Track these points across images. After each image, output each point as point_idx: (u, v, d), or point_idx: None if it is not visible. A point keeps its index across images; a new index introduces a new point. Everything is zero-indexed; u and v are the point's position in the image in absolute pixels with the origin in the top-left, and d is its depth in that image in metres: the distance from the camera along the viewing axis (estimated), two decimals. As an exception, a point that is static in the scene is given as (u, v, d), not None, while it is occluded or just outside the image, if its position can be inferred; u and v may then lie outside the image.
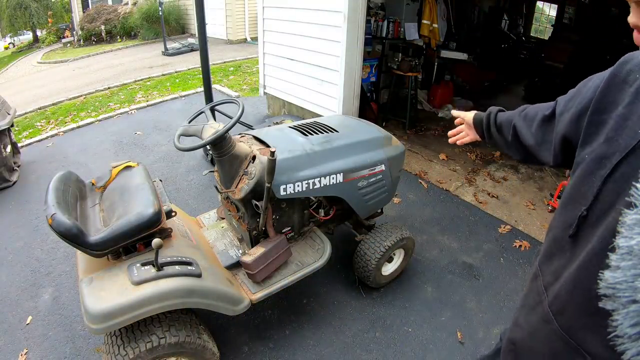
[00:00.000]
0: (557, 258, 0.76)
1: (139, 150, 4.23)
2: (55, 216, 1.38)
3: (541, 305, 0.78)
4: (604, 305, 0.55)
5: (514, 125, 1.05)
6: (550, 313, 0.74)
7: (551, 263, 0.79)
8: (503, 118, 1.14)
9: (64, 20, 14.99)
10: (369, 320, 2.18)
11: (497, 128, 1.15)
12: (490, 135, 1.19)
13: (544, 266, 0.82)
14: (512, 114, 1.10)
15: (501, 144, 1.16)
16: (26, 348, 2.02)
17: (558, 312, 0.72)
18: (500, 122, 1.15)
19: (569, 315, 0.70)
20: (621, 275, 0.52)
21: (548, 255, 0.81)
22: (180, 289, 1.47)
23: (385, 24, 4.68)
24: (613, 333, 0.53)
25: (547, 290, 0.77)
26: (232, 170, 1.82)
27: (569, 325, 0.70)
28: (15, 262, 2.63)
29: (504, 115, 1.15)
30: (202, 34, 3.45)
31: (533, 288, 0.84)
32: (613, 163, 0.62)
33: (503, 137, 1.13)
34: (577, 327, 0.69)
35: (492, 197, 3.40)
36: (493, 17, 6.79)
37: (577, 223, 0.68)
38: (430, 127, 4.85)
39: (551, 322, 0.73)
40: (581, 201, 0.68)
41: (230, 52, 9.04)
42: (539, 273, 0.83)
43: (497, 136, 1.16)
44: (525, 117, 1.02)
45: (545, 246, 0.83)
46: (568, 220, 0.72)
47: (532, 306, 0.82)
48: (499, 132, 1.15)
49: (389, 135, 2.29)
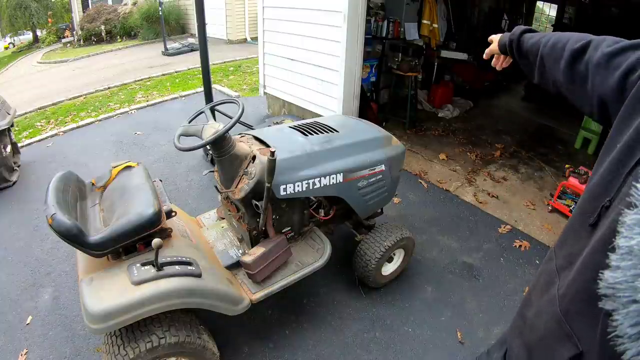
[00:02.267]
0: (572, 243, 0.75)
1: (139, 150, 4.23)
2: (55, 216, 1.38)
3: (552, 287, 0.77)
4: (604, 305, 0.55)
5: (541, 56, 0.94)
6: (556, 296, 0.74)
7: (566, 247, 0.78)
8: (529, 44, 1.01)
9: (64, 20, 14.99)
10: (369, 320, 2.18)
11: (523, 55, 1.03)
12: (517, 62, 1.08)
13: (559, 249, 0.82)
14: (539, 40, 0.97)
15: (525, 69, 1.05)
16: (26, 348, 2.02)
17: (562, 295, 0.73)
18: (526, 49, 1.02)
19: (569, 299, 0.70)
20: (621, 275, 0.52)
21: (562, 241, 0.81)
22: (180, 289, 1.47)
23: (385, 24, 4.68)
24: (613, 333, 0.53)
25: (559, 274, 0.77)
26: (232, 170, 1.82)
27: (567, 309, 0.70)
28: (15, 262, 2.63)
29: (531, 40, 1.01)
30: (202, 34, 3.45)
31: (546, 270, 0.84)
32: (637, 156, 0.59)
33: (528, 65, 1.02)
34: (572, 311, 0.69)
35: (492, 197, 3.40)
36: (493, 17, 6.80)
37: (599, 212, 0.66)
38: (430, 127, 4.85)
39: (555, 305, 0.73)
40: (606, 192, 0.66)
41: (230, 52, 9.04)
42: (553, 256, 0.83)
43: (519, 61, 1.06)
44: (553, 46, 0.90)
45: (564, 230, 0.83)
46: (590, 208, 0.70)
47: (543, 287, 0.82)
48: (522, 57, 1.04)
49: (389, 135, 2.29)
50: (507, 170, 3.88)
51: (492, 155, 4.19)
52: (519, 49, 1.04)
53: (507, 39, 1.09)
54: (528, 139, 4.74)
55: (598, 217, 0.66)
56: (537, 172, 3.88)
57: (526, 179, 3.76)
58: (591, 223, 0.68)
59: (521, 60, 1.05)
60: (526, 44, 1.01)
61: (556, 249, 0.84)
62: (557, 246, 0.84)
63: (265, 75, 4.82)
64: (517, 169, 3.93)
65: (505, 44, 1.10)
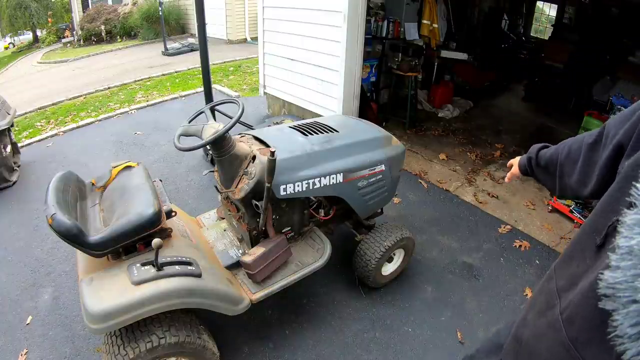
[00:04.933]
0: (576, 264, 0.73)
1: (139, 150, 4.23)
2: (55, 216, 1.38)
3: (552, 310, 0.75)
4: (604, 305, 0.55)
5: (560, 165, 1.00)
6: (560, 320, 0.71)
7: (568, 267, 0.75)
8: (546, 157, 1.08)
9: (64, 20, 15.00)
10: (369, 320, 2.18)
11: (541, 168, 1.10)
12: (539, 179, 1.15)
13: (560, 269, 0.79)
14: (554, 152, 1.05)
15: (547, 185, 1.11)
16: (26, 348, 2.02)
17: (568, 320, 0.69)
18: (545, 163, 1.08)
19: (578, 326, 0.67)
20: (621, 275, 0.51)
21: (567, 258, 0.78)
22: (180, 289, 1.47)
23: (385, 24, 4.68)
24: (613, 333, 0.53)
25: (560, 296, 0.74)
26: (232, 170, 1.82)
27: (576, 336, 0.67)
28: (15, 262, 2.63)
29: (547, 153, 1.09)
30: (202, 34, 3.45)
31: (545, 289, 0.82)
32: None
33: (550, 177, 1.08)
34: (583, 340, 0.65)
35: (492, 197, 3.40)
36: (493, 17, 6.79)
37: (606, 232, 0.64)
38: (430, 127, 4.85)
39: (559, 331, 0.70)
40: (614, 210, 0.63)
41: (230, 52, 9.04)
42: (553, 275, 0.81)
43: (543, 179, 1.12)
44: (568, 154, 0.97)
45: (567, 248, 0.81)
46: (598, 227, 0.68)
47: (542, 309, 0.80)
48: (542, 173, 1.11)
49: (389, 135, 2.29)
50: (507, 170, 3.85)
51: (492, 155, 4.19)
52: (537, 165, 1.12)
53: (525, 159, 1.18)
54: (528, 139, 4.74)
55: (605, 237, 0.64)
56: (537, 172, 3.88)
57: (526, 179, 3.75)
58: (598, 244, 0.65)
59: (542, 176, 1.13)
60: (544, 158, 1.10)
61: (557, 267, 0.81)
62: (558, 265, 0.82)
63: (265, 75, 4.82)
64: (517, 169, 3.93)
65: (525, 165, 1.19)
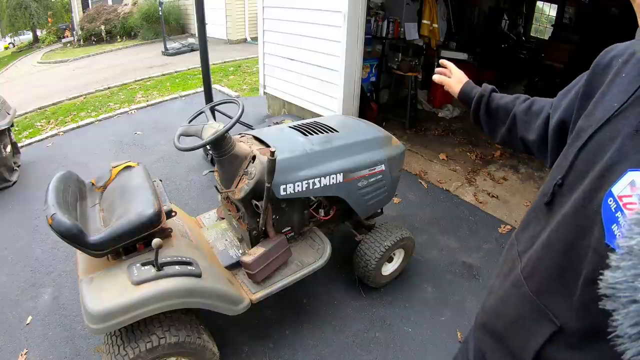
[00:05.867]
0: (533, 226, 0.78)
1: (139, 150, 4.23)
2: (55, 216, 1.38)
3: (514, 271, 0.79)
4: (604, 305, 0.55)
5: (513, 115, 1.03)
6: (521, 277, 0.75)
7: (526, 231, 0.81)
8: (500, 103, 1.08)
9: (64, 20, 15.00)
10: (369, 320, 2.18)
11: (489, 112, 1.10)
12: (477, 116, 1.13)
13: (520, 234, 0.84)
14: (510, 101, 1.06)
15: (487, 126, 1.12)
16: (26, 348, 2.02)
17: (528, 275, 0.74)
18: (495, 107, 1.09)
19: (538, 278, 0.71)
20: (621, 275, 0.52)
21: (525, 224, 0.83)
22: (180, 289, 1.47)
23: (385, 24, 4.68)
24: (613, 333, 0.53)
25: (521, 257, 0.79)
26: (232, 170, 1.82)
27: (538, 288, 0.71)
28: (15, 262, 2.63)
29: (500, 100, 1.09)
30: (202, 34, 3.45)
31: (508, 256, 0.86)
32: (588, 134, 0.66)
33: (493, 121, 1.10)
34: (545, 290, 0.70)
35: (492, 197, 3.40)
36: (493, 17, 6.79)
37: (552, 191, 0.72)
38: (430, 127, 4.85)
39: (522, 286, 0.74)
40: (558, 171, 0.72)
41: (230, 52, 9.04)
42: (514, 242, 0.85)
43: (484, 118, 1.12)
44: (528, 109, 1.00)
45: (524, 217, 0.86)
46: (545, 189, 0.75)
47: (506, 273, 0.84)
48: (488, 116, 1.11)
49: (389, 135, 2.29)
50: (507, 170, 3.88)
51: (492, 155, 4.19)
52: (487, 104, 1.10)
53: (473, 91, 1.15)
54: (528, 139, 4.74)
55: (552, 195, 0.72)
56: (537, 172, 3.88)
57: (526, 179, 3.76)
58: (546, 202, 0.73)
59: (485, 117, 1.11)
60: (497, 102, 1.08)
61: (518, 234, 0.85)
62: (518, 231, 0.86)
63: (265, 75, 4.82)
64: (517, 169, 3.93)
65: (470, 95, 1.15)
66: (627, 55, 0.69)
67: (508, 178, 3.74)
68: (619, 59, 0.71)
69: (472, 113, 1.16)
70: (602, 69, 0.74)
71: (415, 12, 4.89)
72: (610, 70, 0.71)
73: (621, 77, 0.68)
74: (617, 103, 0.64)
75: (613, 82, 0.69)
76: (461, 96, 1.20)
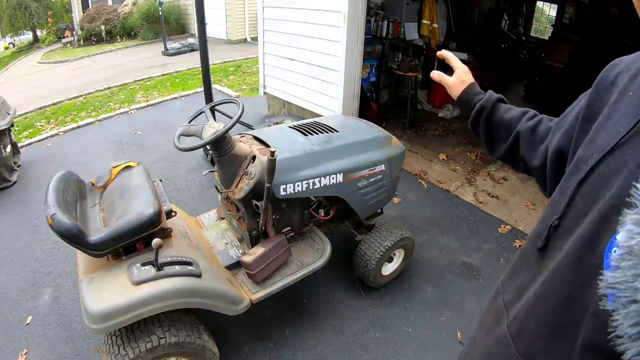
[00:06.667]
0: (522, 274, 0.68)
1: (139, 150, 4.23)
2: (55, 216, 1.38)
3: (500, 326, 0.69)
4: (604, 305, 0.55)
5: (517, 132, 0.89)
6: (508, 335, 0.66)
7: (515, 279, 0.71)
8: (504, 118, 0.93)
9: (64, 20, 15.00)
10: (369, 320, 2.18)
11: (490, 125, 0.96)
12: (476, 126, 0.98)
13: (507, 283, 0.74)
14: (516, 117, 0.92)
15: (486, 141, 0.98)
16: (26, 348, 2.02)
17: (516, 333, 0.64)
18: (498, 121, 0.94)
19: (528, 338, 0.62)
20: (621, 275, 0.51)
21: (513, 271, 0.73)
22: (180, 289, 1.47)
23: (385, 24, 4.68)
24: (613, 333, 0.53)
25: (507, 310, 0.69)
26: (232, 170, 1.82)
27: (526, 350, 0.62)
28: (15, 262, 2.63)
29: (505, 114, 0.93)
30: (202, 34, 3.45)
31: (493, 307, 0.76)
32: (589, 166, 0.56)
33: (493, 136, 0.95)
34: (535, 352, 0.60)
35: (492, 197, 3.40)
36: (493, 17, 6.79)
37: (547, 234, 0.61)
38: (430, 127, 4.85)
39: (508, 346, 0.65)
40: (554, 210, 0.61)
41: (230, 52, 9.04)
42: (500, 290, 0.75)
43: (484, 131, 0.97)
44: (534, 128, 0.86)
45: (512, 262, 0.76)
46: (538, 232, 0.65)
47: (489, 326, 0.74)
48: (489, 130, 0.96)
49: (389, 135, 2.29)
50: (507, 170, 3.87)
51: (492, 155, 4.18)
52: (489, 116, 0.95)
53: (476, 98, 0.98)
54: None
55: (547, 238, 0.62)
56: (537, 172, 3.88)
57: (526, 179, 3.76)
58: (539, 247, 0.63)
59: (485, 129, 0.96)
60: (501, 115, 0.94)
61: (504, 281, 0.75)
62: (505, 278, 0.76)
63: (265, 75, 4.82)
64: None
65: (471, 102, 0.98)
66: (635, 70, 0.58)
67: (508, 178, 3.74)
68: (624, 75, 0.60)
69: (471, 124, 1.00)
70: (605, 87, 0.63)
71: (415, 12, 4.89)
72: (615, 89, 0.60)
73: (628, 96, 0.57)
74: (623, 128, 0.54)
75: (618, 103, 0.58)
76: (460, 103, 1.02)
